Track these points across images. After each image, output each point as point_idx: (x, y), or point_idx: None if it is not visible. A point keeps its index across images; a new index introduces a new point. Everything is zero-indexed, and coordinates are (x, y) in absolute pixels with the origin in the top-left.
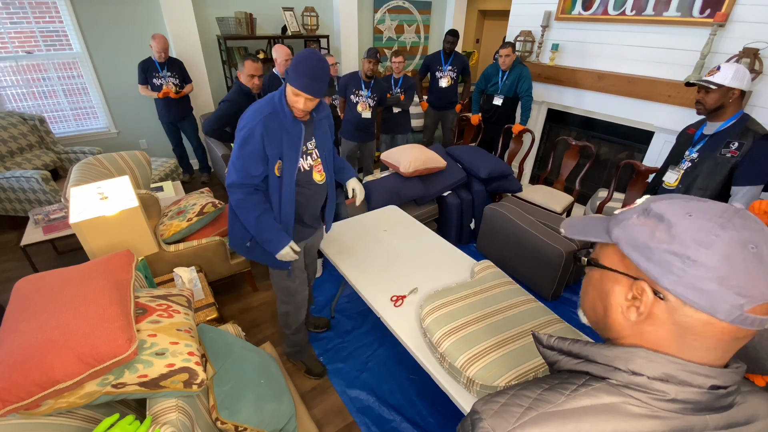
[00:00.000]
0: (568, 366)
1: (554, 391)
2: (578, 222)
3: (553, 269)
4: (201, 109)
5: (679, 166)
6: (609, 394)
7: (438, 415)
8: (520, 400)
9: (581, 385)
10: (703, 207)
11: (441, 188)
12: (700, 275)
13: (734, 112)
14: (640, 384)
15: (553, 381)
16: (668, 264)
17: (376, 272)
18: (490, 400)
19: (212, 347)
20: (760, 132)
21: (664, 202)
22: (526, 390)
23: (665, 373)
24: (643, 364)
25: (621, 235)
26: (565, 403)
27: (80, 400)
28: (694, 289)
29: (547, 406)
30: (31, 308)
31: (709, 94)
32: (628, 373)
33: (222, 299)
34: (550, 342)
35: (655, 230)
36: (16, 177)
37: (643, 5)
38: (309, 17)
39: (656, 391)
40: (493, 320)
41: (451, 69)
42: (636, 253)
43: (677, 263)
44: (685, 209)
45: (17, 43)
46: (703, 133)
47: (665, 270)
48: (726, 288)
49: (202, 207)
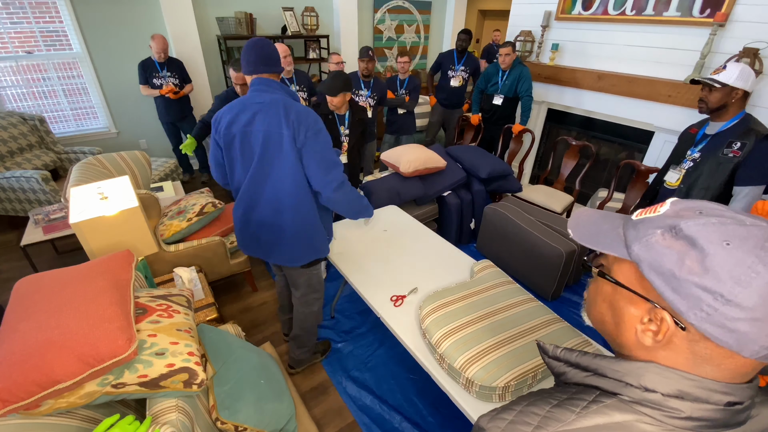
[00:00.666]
0: (576, 379)
1: (564, 408)
2: (588, 224)
3: (553, 269)
4: (201, 109)
5: (681, 165)
6: (621, 411)
7: (438, 415)
8: (528, 418)
9: (591, 401)
10: (742, 234)
11: (441, 188)
12: (733, 316)
13: (737, 113)
14: (653, 401)
15: (562, 396)
16: (698, 300)
17: (376, 272)
18: (497, 417)
19: (212, 347)
20: (762, 132)
21: (697, 223)
22: (533, 407)
23: (680, 390)
24: (656, 380)
25: (643, 255)
26: (576, 421)
27: (80, 400)
28: (722, 328)
29: (557, 425)
30: (31, 308)
31: (713, 92)
32: (641, 390)
33: (222, 299)
34: (556, 353)
35: (686, 257)
36: (16, 177)
37: (643, 5)
38: (309, 17)
39: (671, 409)
40: (493, 320)
41: (464, 69)
42: (660, 281)
43: (708, 300)
44: (722, 236)
45: (17, 43)
46: (706, 133)
47: (693, 305)
48: (759, 330)
49: (202, 207)
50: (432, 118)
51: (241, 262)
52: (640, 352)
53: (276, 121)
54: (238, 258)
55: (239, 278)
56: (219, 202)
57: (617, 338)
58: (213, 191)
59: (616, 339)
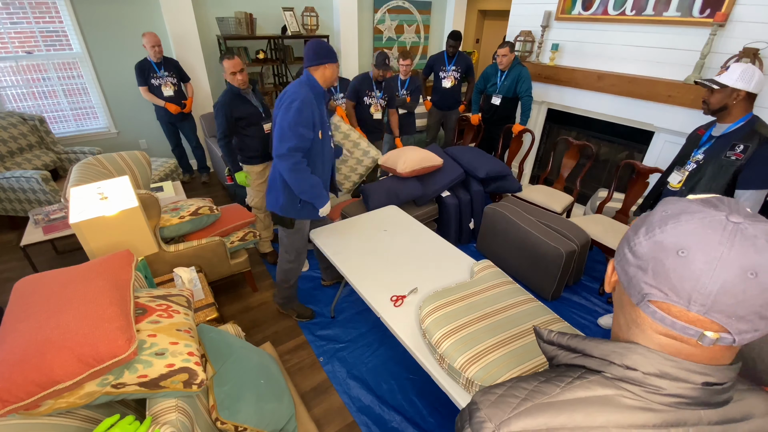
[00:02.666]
0: (566, 360)
1: (550, 383)
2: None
3: (553, 269)
4: (200, 109)
5: (684, 167)
6: (603, 386)
7: (438, 415)
8: (516, 392)
9: (576, 377)
10: (684, 207)
11: (440, 187)
12: (630, 261)
13: (742, 114)
14: (634, 378)
15: (550, 374)
16: (621, 249)
17: (376, 272)
18: (488, 392)
19: (212, 347)
20: (766, 135)
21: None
22: (523, 382)
23: (660, 369)
24: (638, 359)
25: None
26: (560, 394)
27: (80, 401)
28: (623, 271)
29: (542, 397)
30: (30, 308)
31: (713, 93)
32: (623, 368)
33: (222, 299)
34: (550, 337)
35: (641, 224)
36: (16, 177)
37: (643, 5)
38: (309, 17)
39: (651, 386)
40: (493, 320)
41: (455, 69)
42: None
43: (625, 249)
44: (677, 206)
45: (17, 43)
46: (711, 135)
47: (618, 254)
48: (640, 276)
49: (197, 208)
50: (429, 121)
51: (241, 262)
52: (625, 323)
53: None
54: (238, 258)
55: (239, 278)
56: (216, 207)
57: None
58: (213, 194)
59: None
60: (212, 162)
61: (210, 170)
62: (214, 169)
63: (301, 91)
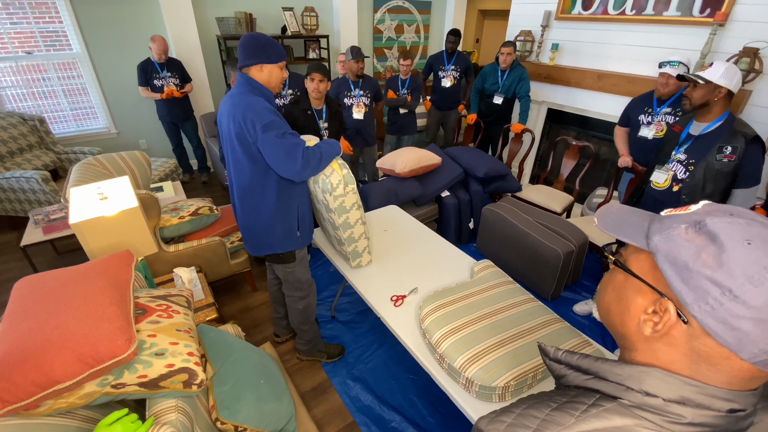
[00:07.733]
0: (577, 382)
1: (563, 412)
2: (615, 214)
3: (552, 269)
4: (201, 109)
5: (666, 166)
6: (621, 416)
7: (438, 415)
8: (527, 421)
9: (591, 405)
10: (766, 236)
11: (439, 186)
12: (738, 313)
13: (720, 113)
14: (654, 406)
15: (562, 399)
16: (705, 293)
17: (376, 272)
18: (495, 419)
19: (212, 347)
20: (749, 133)
21: (723, 221)
22: (533, 410)
23: (682, 395)
24: (658, 385)
25: (661, 245)
26: (575, 425)
27: (80, 401)
28: (725, 325)
29: (556, 428)
30: (30, 308)
31: (696, 89)
32: (642, 394)
33: (222, 299)
34: (557, 355)
35: (703, 251)
36: (16, 177)
37: (643, 5)
38: (309, 17)
39: (672, 414)
40: (493, 320)
41: (454, 69)
42: (672, 271)
43: (716, 294)
44: (745, 234)
45: (17, 43)
46: (690, 133)
47: (699, 297)
48: (761, 331)
49: (197, 208)
50: (429, 121)
51: (241, 262)
52: (640, 344)
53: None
54: (238, 258)
55: (239, 278)
56: (216, 207)
57: (620, 328)
58: (213, 194)
59: (619, 329)
60: (212, 162)
61: (210, 170)
62: (214, 169)
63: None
